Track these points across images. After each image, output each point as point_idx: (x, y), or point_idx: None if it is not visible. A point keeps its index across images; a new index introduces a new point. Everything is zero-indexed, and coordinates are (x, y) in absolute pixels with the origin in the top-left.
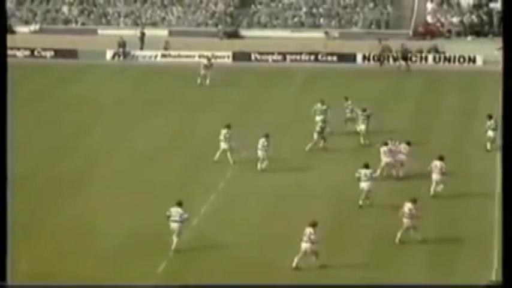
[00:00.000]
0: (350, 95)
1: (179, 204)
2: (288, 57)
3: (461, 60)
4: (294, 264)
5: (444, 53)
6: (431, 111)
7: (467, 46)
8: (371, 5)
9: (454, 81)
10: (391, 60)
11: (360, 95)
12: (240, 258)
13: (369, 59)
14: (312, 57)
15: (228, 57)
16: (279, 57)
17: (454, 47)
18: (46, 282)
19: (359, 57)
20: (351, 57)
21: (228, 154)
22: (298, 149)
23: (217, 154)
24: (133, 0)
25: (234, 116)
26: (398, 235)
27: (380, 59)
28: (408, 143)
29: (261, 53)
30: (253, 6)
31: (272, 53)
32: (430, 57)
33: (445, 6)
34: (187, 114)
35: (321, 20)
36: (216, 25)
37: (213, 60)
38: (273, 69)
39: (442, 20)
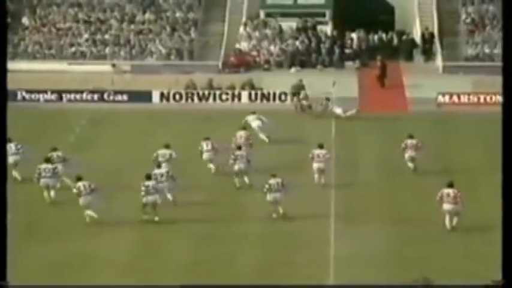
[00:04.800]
0: (150, 141)
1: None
2: (65, 96)
3: (283, 97)
4: None
5: (262, 89)
6: None
7: (290, 80)
8: (169, 30)
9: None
10: (195, 98)
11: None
12: None
13: (168, 98)
14: (96, 97)
15: None
16: (53, 97)
17: (274, 82)
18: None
19: (155, 96)
20: (145, 96)
21: None
22: None
23: None
24: None
25: None
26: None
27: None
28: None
29: (29, 91)
30: (20, 31)
31: (44, 91)
32: (245, 94)
33: (262, 30)
34: None
35: (107, 50)
36: None
37: None
38: (45, 112)
39: (259, 47)
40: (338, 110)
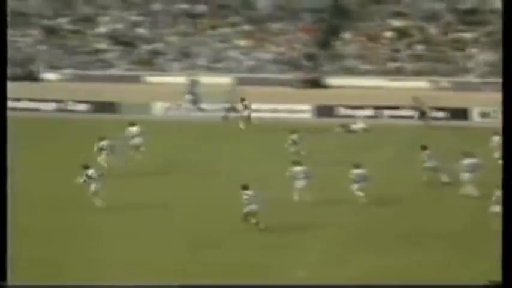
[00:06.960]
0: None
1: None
2: (386, 112)
3: None
4: None
5: None
6: None
7: None
8: (488, 45)
9: None
10: None
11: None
12: None
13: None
14: (416, 114)
15: (307, 111)
16: (373, 113)
17: None
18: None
19: (475, 113)
20: (463, 113)
21: None
22: None
23: None
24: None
25: None
26: None
27: None
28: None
29: (349, 107)
30: (338, 43)
31: (362, 107)
32: None
33: None
34: None
35: (424, 66)
36: (293, 68)
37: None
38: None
39: None
40: None
